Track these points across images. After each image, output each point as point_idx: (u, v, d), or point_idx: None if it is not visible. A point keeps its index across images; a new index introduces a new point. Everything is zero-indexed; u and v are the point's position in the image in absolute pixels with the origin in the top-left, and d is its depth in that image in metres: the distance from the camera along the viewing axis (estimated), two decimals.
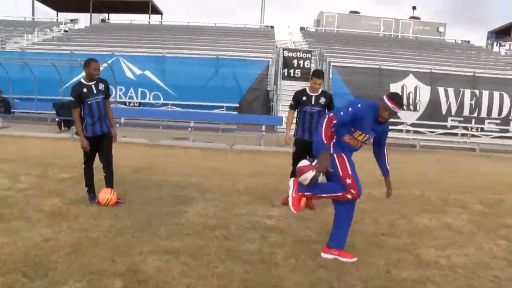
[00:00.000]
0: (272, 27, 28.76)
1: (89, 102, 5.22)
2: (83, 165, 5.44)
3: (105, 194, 5.29)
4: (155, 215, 5.02)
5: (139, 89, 16.58)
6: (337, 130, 3.84)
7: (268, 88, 16.01)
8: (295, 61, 17.82)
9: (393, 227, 5.03)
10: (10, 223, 4.47)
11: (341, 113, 3.66)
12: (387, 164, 4.08)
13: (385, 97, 3.69)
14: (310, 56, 17.94)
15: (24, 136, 11.29)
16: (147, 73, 16.55)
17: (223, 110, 15.73)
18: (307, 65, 17.85)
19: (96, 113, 5.28)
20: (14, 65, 15.28)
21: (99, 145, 5.40)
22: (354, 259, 3.85)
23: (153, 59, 17.05)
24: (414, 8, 35.36)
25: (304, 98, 5.56)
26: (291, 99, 5.86)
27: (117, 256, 3.74)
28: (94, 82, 5.31)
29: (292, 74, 17.89)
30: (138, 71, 16.56)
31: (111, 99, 6.10)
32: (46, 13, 36.87)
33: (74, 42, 22.20)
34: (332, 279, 3.49)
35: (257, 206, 5.65)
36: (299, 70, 17.87)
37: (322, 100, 5.54)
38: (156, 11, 37.08)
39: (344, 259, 3.85)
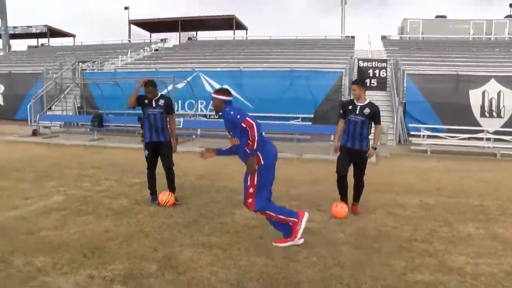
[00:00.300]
0: (352, 37, 28.73)
1: (147, 113, 6.00)
2: (146, 171, 6.23)
3: (163, 196, 6.02)
4: (204, 215, 5.62)
5: None
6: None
7: (342, 99, 16.18)
8: (370, 71, 17.81)
9: (430, 234, 5.03)
10: (84, 217, 5.35)
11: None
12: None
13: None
14: (385, 65, 17.81)
15: (113, 146, 12.65)
16: (225, 87, 17.50)
17: (298, 121, 16.15)
18: (383, 74, 17.74)
19: (152, 123, 6.03)
20: (108, 84, 17.06)
21: (159, 152, 6.14)
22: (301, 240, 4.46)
23: (231, 73, 17.99)
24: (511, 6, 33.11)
25: (350, 107, 5.77)
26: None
27: (160, 246, 4.37)
28: (156, 97, 6.09)
29: (368, 84, 17.86)
30: (217, 86, 17.57)
31: (190, 112, 6.84)
32: (141, 35, 40.01)
33: (162, 60, 24.04)
34: (344, 276, 3.74)
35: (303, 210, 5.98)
36: (375, 80, 17.82)
37: (367, 110, 5.63)
38: (241, 27, 38.61)
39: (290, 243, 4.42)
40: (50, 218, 5.30)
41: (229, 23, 36.21)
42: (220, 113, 4.50)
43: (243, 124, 4.14)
